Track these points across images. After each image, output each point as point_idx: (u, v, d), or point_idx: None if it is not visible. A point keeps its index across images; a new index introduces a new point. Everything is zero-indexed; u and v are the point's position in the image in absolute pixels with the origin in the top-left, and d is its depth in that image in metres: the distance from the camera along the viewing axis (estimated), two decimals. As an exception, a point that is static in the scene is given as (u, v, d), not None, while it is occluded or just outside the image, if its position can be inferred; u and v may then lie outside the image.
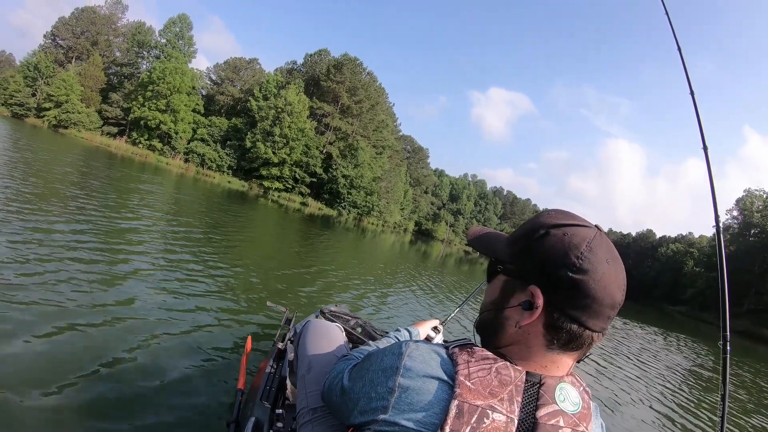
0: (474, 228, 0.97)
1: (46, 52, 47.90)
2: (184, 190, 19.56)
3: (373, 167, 46.83)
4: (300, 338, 1.47)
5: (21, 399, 2.00)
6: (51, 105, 42.40)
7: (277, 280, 6.32)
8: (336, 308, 2.62)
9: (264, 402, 1.67)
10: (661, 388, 6.57)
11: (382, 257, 17.38)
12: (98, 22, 50.00)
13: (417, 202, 69.77)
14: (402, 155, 62.20)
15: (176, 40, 46.20)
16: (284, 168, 42.59)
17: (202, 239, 7.79)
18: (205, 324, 3.59)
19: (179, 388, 2.51)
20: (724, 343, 1.72)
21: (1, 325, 2.59)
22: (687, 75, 2.25)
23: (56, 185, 8.97)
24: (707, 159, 1.97)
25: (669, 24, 2.46)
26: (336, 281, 7.77)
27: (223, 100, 49.21)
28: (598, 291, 0.71)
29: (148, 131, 42.61)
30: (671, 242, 72.50)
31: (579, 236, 0.74)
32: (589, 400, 0.75)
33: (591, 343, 0.75)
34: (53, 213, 6.06)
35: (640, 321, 20.06)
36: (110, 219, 6.96)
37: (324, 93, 46.47)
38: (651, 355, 9.88)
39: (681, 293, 58.06)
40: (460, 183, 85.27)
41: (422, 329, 1.58)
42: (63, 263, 4.05)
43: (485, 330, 0.84)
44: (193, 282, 4.75)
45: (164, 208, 10.93)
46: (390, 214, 52.94)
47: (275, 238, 13.27)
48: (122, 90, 46.05)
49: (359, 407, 0.79)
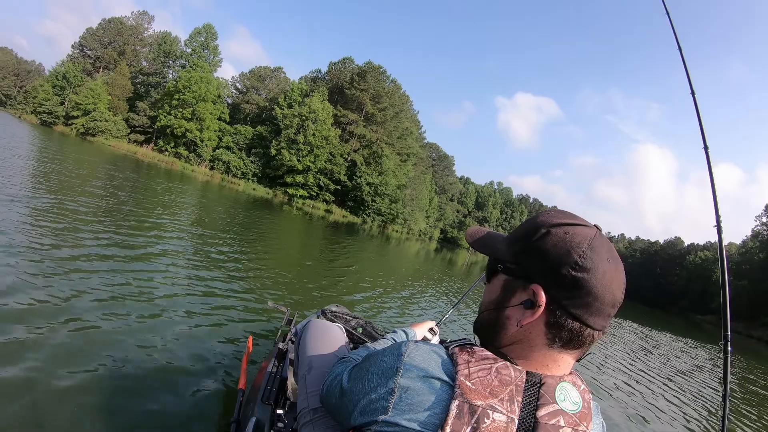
0: (472, 228, 0.96)
1: (74, 62, 48.72)
2: (210, 197, 19.67)
3: (398, 175, 46.53)
4: (301, 338, 1.47)
5: (26, 393, 2.04)
6: (79, 113, 43.02)
7: (296, 285, 6.25)
8: (337, 308, 2.60)
9: (265, 402, 1.65)
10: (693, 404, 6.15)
11: (406, 265, 17.22)
12: (125, 33, 50.87)
13: (442, 210, 69.37)
14: (427, 163, 61.89)
15: (201, 49, 46.67)
16: (309, 175, 42.54)
17: (221, 244, 7.74)
18: (206, 324, 3.58)
19: (180, 388, 2.49)
20: (725, 343, 1.80)
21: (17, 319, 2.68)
22: (687, 75, 2.29)
23: (85, 189, 9.28)
24: (708, 159, 2.05)
25: (670, 24, 2.50)
26: (352, 286, 7.66)
27: (249, 109, 49.53)
28: (600, 289, 0.71)
29: (174, 139, 42.95)
30: (699, 250, 70.42)
31: (580, 235, 0.74)
32: (590, 399, 0.75)
33: (591, 342, 0.75)
34: (82, 215, 6.39)
35: (668, 330, 19.94)
36: (137, 220, 7.36)
37: (348, 101, 46.46)
38: (671, 365, 9.61)
39: (709, 302, 56.40)
40: (486, 191, 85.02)
41: (419, 331, 1.55)
42: (86, 261, 4.24)
43: (486, 329, 0.83)
44: (202, 283, 4.77)
45: (188, 213, 11.05)
46: (415, 221, 52.48)
47: (297, 244, 13.13)
48: (149, 99, 46.68)
49: (359, 408, 0.78)
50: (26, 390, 2.06)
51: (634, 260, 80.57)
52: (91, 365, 2.42)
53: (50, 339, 2.57)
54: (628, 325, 16.26)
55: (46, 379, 2.18)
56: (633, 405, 5.21)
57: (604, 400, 5.00)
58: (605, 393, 5.34)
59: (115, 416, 2.08)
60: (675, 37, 2.44)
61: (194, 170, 40.66)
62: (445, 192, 71.97)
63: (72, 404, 2.05)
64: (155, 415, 2.19)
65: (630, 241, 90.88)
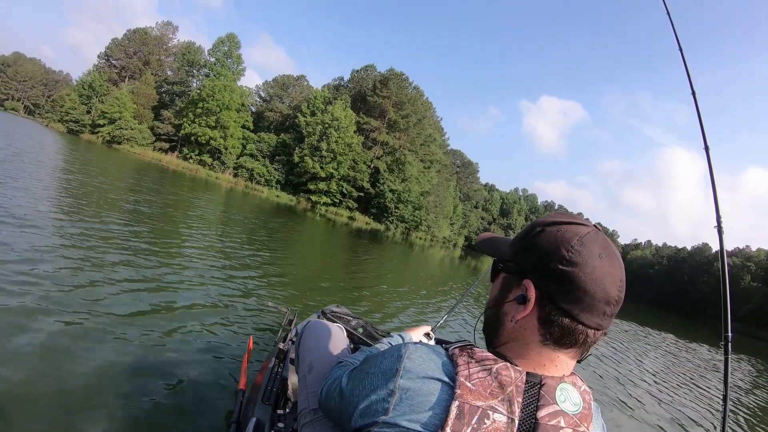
0: (483, 234, 1.00)
1: (100, 72, 49.51)
2: (233, 204, 20.00)
3: (421, 181, 46.18)
4: (301, 338, 1.46)
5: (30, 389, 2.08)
6: (105, 122, 43.55)
7: (304, 287, 6.24)
8: (337, 309, 2.57)
9: (265, 402, 1.64)
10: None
11: (431, 272, 17.16)
12: (150, 43, 51.67)
13: (467, 217, 68.88)
14: (451, 170, 61.58)
15: (225, 58, 46.97)
16: (332, 182, 42.44)
17: (235, 248, 7.79)
18: (206, 324, 3.55)
19: (180, 388, 2.48)
20: (725, 344, 1.75)
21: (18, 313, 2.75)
22: (688, 75, 2.29)
23: (111, 195, 9.68)
24: (708, 159, 2.07)
25: (670, 24, 2.50)
26: (371, 291, 7.69)
27: (272, 117, 49.87)
28: (589, 284, 0.71)
29: (199, 147, 43.26)
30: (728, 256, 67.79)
31: (571, 232, 0.75)
32: (590, 400, 0.76)
33: (586, 340, 0.74)
34: (108, 217, 6.74)
35: (692, 339, 19.44)
36: (164, 224, 7.74)
37: (371, 108, 46.44)
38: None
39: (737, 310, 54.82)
40: (510, 197, 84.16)
41: (414, 335, 1.53)
42: (94, 260, 4.34)
43: (487, 327, 0.86)
44: (204, 283, 4.79)
45: (210, 218, 11.25)
46: (438, 228, 52.02)
47: (316, 249, 13.20)
48: (173, 107, 47.16)
49: (360, 410, 0.79)
50: (27, 390, 2.07)
51: (660, 267, 78.92)
52: (90, 364, 2.42)
53: (48, 338, 2.56)
54: (652, 332, 16.13)
55: (45, 378, 2.18)
56: (636, 406, 5.20)
57: (608, 403, 4.96)
58: (613, 396, 5.31)
59: (115, 416, 2.07)
60: (675, 37, 2.45)
61: (218, 177, 40.85)
62: (469, 199, 71.55)
63: (71, 404, 2.05)
64: (155, 414, 2.18)
65: (657, 247, 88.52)
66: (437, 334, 1.83)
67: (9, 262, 3.59)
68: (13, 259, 3.67)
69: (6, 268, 3.41)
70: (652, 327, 19.14)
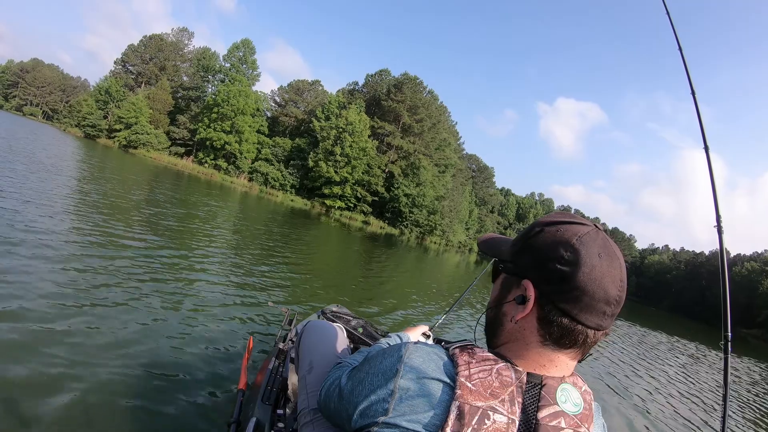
0: (484, 234, 1.01)
1: (116, 77, 50.08)
2: (247, 208, 20.20)
3: (436, 186, 45.75)
4: (301, 338, 1.46)
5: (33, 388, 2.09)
6: (121, 126, 43.97)
7: (311, 289, 6.28)
8: (337, 308, 2.55)
9: (265, 402, 1.64)
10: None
11: (446, 276, 17.13)
12: (165, 49, 52.20)
13: (483, 222, 68.17)
14: (467, 174, 61.08)
15: (240, 64, 47.19)
16: (346, 187, 42.23)
17: (244, 250, 7.85)
18: (206, 324, 3.57)
19: (180, 388, 2.48)
20: (725, 344, 1.78)
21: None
22: (688, 75, 2.31)
23: (129, 197, 9.89)
24: (708, 159, 2.06)
25: (670, 24, 2.51)
26: (386, 294, 7.76)
27: (287, 121, 49.95)
28: (588, 283, 0.70)
29: (214, 151, 43.40)
30: (746, 261, 66.87)
31: (570, 231, 0.75)
32: (591, 400, 0.76)
33: (586, 341, 0.74)
34: (123, 220, 6.89)
35: (699, 341, 19.53)
36: (179, 226, 7.91)
37: (385, 112, 46.24)
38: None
39: (756, 315, 53.53)
40: (526, 202, 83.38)
41: (412, 335, 1.53)
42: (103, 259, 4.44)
43: (488, 327, 0.86)
44: (206, 283, 4.80)
45: (223, 222, 11.35)
46: (454, 233, 51.45)
47: (328, 252, 13.25)
48: (189, 112, 47.48)
49: (359, 410, 0.78)
50: (26, 391, 2.07)
51: (678, 272, 77.37)
52: (90, 364, 2.42)
53: (48, 338, 2.56)
54: (663, 337, 16.13)
55: (43, 378, 2.18)
56: (639, 406, 5.29)
57: (607, 403, 5.00)
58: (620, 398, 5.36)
59: (115, 416, 2.08)
60: (675, 37, 2.42)
61: (233, 182, 40.87)
62: (485, 203, 70.93)
63: (71, 404, 2.05)
64: (155, 414, 2.18)
65: (674, 252, 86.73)
66: (435, 333, 1.82)
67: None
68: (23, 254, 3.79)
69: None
70: (667, 332, 19.29)
